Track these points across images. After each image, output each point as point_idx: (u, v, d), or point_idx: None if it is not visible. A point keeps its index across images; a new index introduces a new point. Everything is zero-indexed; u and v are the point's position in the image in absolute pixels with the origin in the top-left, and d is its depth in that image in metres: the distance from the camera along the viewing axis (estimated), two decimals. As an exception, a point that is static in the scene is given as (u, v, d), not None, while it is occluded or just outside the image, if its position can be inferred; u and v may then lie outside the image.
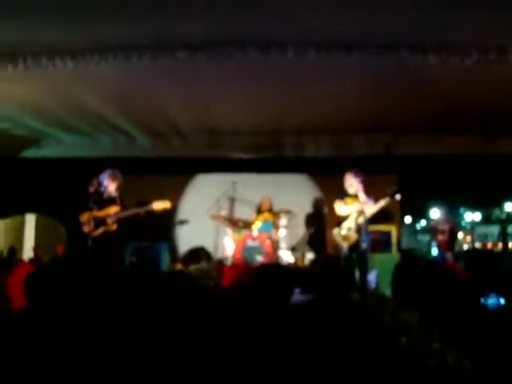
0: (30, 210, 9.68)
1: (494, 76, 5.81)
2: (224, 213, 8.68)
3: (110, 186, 6.94)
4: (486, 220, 27.94)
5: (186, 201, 10.13)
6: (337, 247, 6.92)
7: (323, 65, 5.49)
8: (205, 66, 5.56)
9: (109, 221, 6.78)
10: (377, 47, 5.19)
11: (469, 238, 27.26)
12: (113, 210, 6.85)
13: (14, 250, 8.87)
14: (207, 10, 4.61)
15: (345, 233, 6.66)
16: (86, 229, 6.67)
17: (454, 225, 9.88)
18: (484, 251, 10.23)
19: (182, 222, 9.34)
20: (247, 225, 8.63)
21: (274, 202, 8.88)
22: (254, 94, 6.78)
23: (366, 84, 6.32)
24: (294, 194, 9.75)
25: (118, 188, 6.98)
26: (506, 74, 5.63)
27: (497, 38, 5.03)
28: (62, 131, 8.54)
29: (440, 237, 9.23)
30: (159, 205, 7.16)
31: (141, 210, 7.07)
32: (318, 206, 9.49)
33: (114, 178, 6.97)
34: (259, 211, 8.76)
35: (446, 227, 9.28)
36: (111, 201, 6.90)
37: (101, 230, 6.75)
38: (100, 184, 6.89)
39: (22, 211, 9.54)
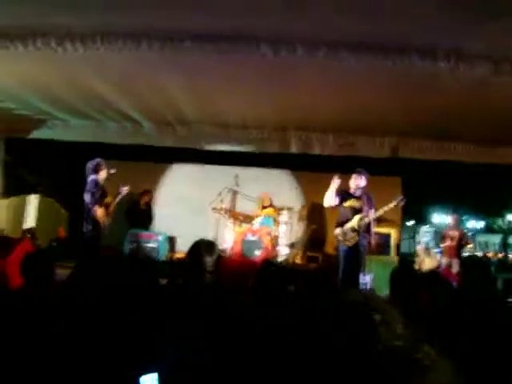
0: (34, 191, 9.64)
1: (504, 88, 5.78)
2: (226, 205, 8.69)
3: (103, 175, 7.03)
4: (488, 229, 27.93)
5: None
6: (337, 247, 6.92)
7: (333, 65, 5.46)
8: (213, 59, 5.54)
9: (109, 209, 6.90)
10: (387, 50, 5.16)
11: (470, 245, 27.22)
12: (109, 199, 6.98)
13: (33, 232, 8.72)
14: (219, 3, 4.61)
15: (347, 233, 6.64)
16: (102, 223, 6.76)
17: (464, 233, 9.73)
18: (479, 259, 10.12)
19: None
20: (248, 218, 8.65)
21: (275, 198, 8.89)
22: (261, 88, 6.75)
23: (375, 86, 6.29)
24: (295, 191, 9.76)
25: (107, 178, 7.13)
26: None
27: (509, 51, 4.99)
28: (68, 114, 8.53)
29: (449, 242, 9.15)
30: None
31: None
32: (318, 204, 9.46)
33: (104, 167, 7.09)
34: (262, 206, 8.76)
35: (456, 234, 9.20)
36: (104, 190, 7.03)
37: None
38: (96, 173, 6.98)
39: (27, 191, 9.50)
